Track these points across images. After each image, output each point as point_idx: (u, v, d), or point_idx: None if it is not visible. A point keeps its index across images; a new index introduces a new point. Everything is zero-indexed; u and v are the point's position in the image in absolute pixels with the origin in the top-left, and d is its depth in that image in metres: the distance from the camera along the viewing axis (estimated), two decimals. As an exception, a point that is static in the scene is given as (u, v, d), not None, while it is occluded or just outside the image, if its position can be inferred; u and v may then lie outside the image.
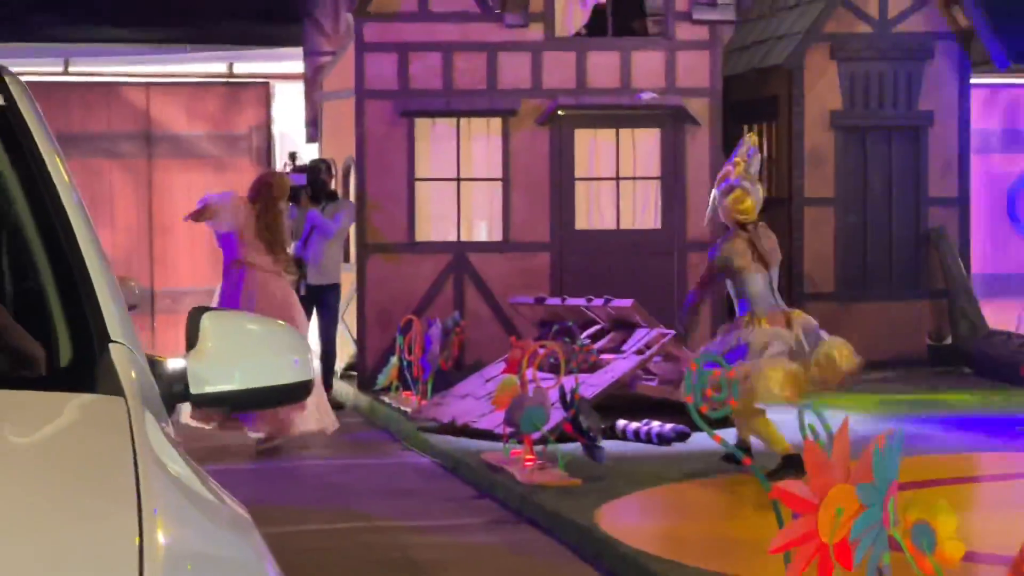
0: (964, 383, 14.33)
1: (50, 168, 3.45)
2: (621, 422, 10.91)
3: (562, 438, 9.52)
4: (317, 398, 11.51)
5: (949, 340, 15.65)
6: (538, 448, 9.54)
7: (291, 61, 17.89)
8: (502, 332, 13.77)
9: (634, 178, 14.88)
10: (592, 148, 14.89)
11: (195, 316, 3.14)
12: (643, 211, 14.77)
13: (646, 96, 14.63)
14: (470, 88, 14.69)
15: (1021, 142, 17.53)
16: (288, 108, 17.67)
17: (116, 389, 2.97)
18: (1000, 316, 16.09)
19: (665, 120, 14.78)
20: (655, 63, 14.78)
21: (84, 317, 3.22)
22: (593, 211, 14.96)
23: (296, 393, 3.17)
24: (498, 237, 14.80)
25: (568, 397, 9.32)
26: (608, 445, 9.69)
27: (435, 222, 14.84)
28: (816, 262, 15.63)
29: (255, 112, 17.67)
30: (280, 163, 16.72)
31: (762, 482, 5.78)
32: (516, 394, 9.50)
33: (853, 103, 15.86)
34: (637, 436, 10.78)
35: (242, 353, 3.14)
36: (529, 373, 9.76)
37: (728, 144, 16.02)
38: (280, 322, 3.29)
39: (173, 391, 3.16)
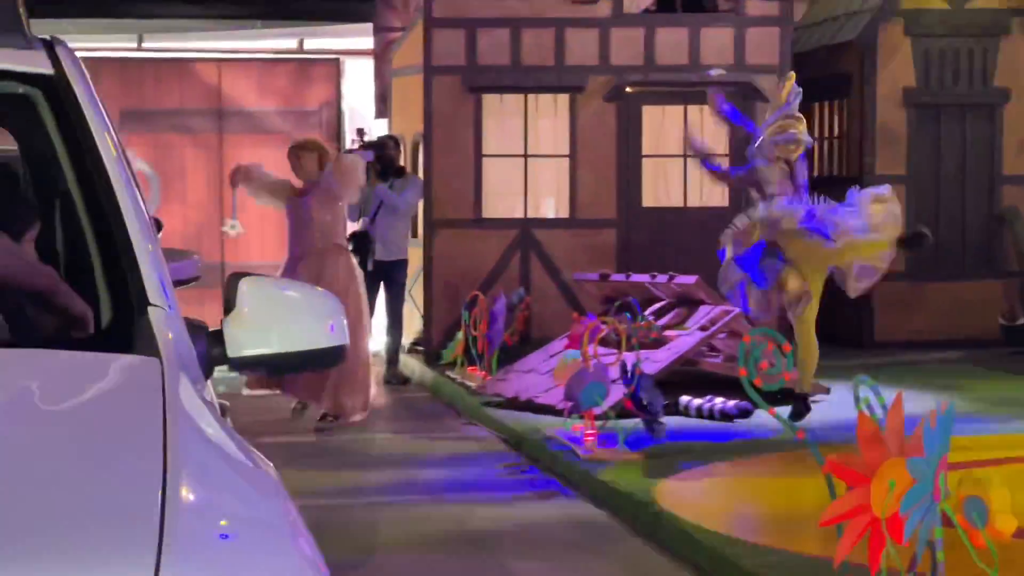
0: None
1: (96, 138, 3.52)
2: (684, 398, 10.87)
3: (623, 414, 9.50)
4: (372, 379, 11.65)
5: (1022, 321, 15.46)
6: (599, 423, 9.53)
7: (361, 37, 17.95)
8: (568, 308, 13.74)
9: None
10: (660, 125, 14.83)
11: (233, 281, 3.18)
12: (710, 189, 14.69)
13: (715, 73, 14.54)
14: (538, 64, 14.67)
15: None
16: (358, 84, 17.73)
17: (152, 350, 3.02)
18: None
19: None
20: (724, 39, 14.68)
21: (124, 282, 3.28)
22: (660, 188, 14.90)
23: (331, 357, 3.21)
24: (564, 214, 14.78)
25: (629, 373, 9.30)
26: (670, 421, 9.66)
27: (502, 198, 14.84)
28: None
29: (325, 88, 17.72)
30: (349, 139, 16.78)
31: (816, 456, 5.74)
32: (576, 370, 9.49)
33: (927, 80, 15.69)
34: (700, 412, 10.74)
35: (278, 317, 3.19)
36: (591, 349, 9.74)
37: (807, 120, 15.90)
38: (317, 288, 3.33)
39: (212, 354, 3.20)
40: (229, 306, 3.18)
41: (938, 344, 14.97)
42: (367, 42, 17.66)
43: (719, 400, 10.74)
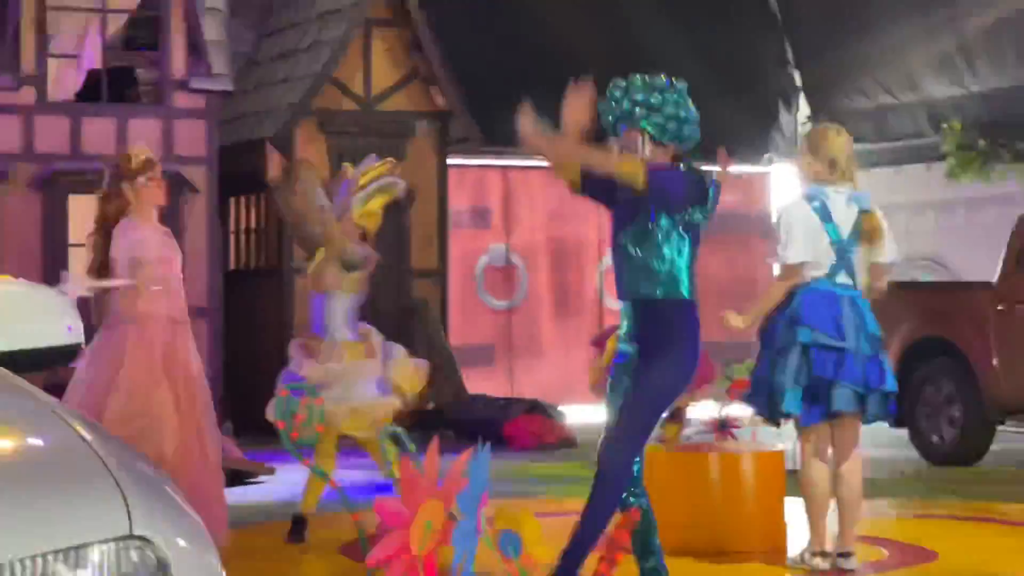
0: (453, 447, 14.96)
1: None
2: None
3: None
4: None
5: (432, 405, 16.30)
6: None
7: None
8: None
9: (131, 244, 14.81)
10: (87, 214, 14.70)
11: None
12: (140, 277, 14.70)
13: (145, 163, 14.63)
14: (-43, 151, 14.26)
15: (487, 219, 18.51)
16: None
17: None
18: (471, 383, 16.85)
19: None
20: (152, 130, 14.80)
21: None
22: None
23: (68, 355, 3.24)
24: (-13, 304, 14.36)
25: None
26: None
27: (-82, 288, 14.23)
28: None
29: None
30: None
31: (347, 505, 6.01)
32: None
33: (341, 177, 16.37)
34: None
35: (11, 316, 3.18)
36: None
37: (224, 213, 16.21)
38: (47, 287, 3.34)
39: None
40: None
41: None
42: None
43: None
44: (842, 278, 7.34)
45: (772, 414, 7.39)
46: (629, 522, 5.41)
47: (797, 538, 8.03)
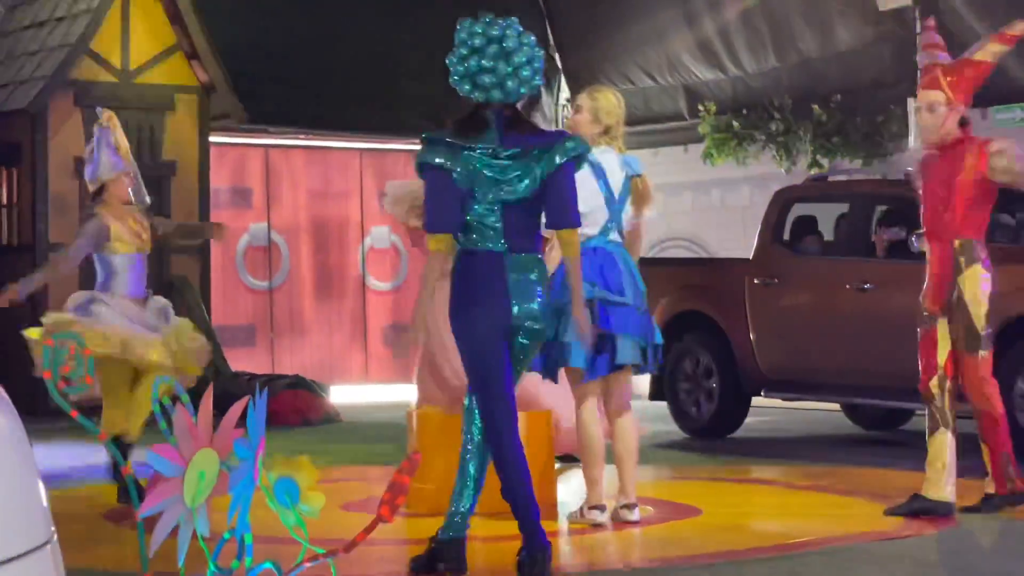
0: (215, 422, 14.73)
1: None
2: None
3: None
4: None
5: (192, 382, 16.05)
6: None
7: None
8: None
9: None
10: None
11: None
12: None
13: None
14: None
15: (248, 199, 18.25)
16: None
17: None
18: (233, 363, 16.60)
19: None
20: (-102, 97, 14.26)
21: None
22: None
23: None
24: None
25: None
26: None
27: None
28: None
29: None
30: None
31: (117, 457, 5.87)
32: None
33: (97, 150, 15.99)
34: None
35: None
36: None
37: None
38: None
39: None
40: None
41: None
42: None
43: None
44: (613, 236, 7.48)
45: (554, 369, 7.45)
46: (410, 466, 5.39)
47: (568, 497, 8.12)
